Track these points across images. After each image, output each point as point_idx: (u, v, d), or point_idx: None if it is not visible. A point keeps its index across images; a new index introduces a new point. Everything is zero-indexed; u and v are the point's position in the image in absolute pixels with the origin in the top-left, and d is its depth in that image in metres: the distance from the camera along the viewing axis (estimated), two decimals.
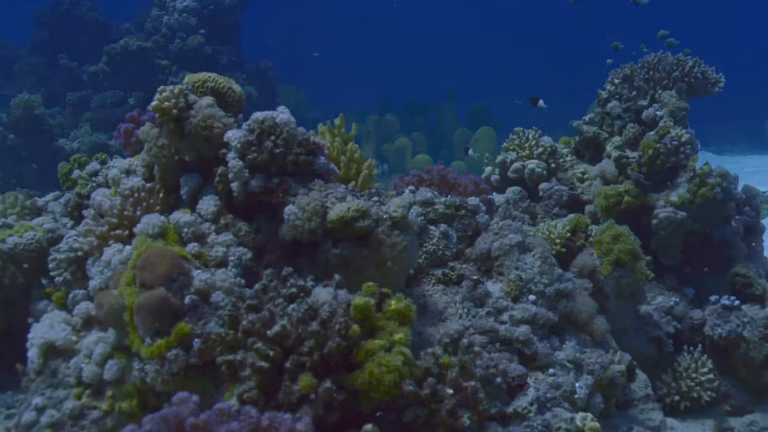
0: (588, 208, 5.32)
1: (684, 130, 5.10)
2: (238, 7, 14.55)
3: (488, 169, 5.81)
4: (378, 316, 2.81)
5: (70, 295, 3.82)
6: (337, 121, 4.01)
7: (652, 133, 5.18)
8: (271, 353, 2.65)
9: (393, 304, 2.85)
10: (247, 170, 3.44)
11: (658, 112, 5.29)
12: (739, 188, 5.43)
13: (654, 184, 5.10)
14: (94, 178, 4.90)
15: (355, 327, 2.68)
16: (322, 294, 2.80)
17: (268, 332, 2.67)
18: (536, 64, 29.62)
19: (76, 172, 5.07)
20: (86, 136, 12.60)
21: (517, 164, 5.57)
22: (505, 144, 5.79)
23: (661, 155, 5.03)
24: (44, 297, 4.18)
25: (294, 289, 2.85)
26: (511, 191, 5.43)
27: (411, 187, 4.35)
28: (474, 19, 36.71)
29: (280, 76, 15.99)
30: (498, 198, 5.43)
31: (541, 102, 6.44)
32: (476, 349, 2.96)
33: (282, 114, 3.52)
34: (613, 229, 4.46)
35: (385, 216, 3.42)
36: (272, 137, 3.45)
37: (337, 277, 2.89)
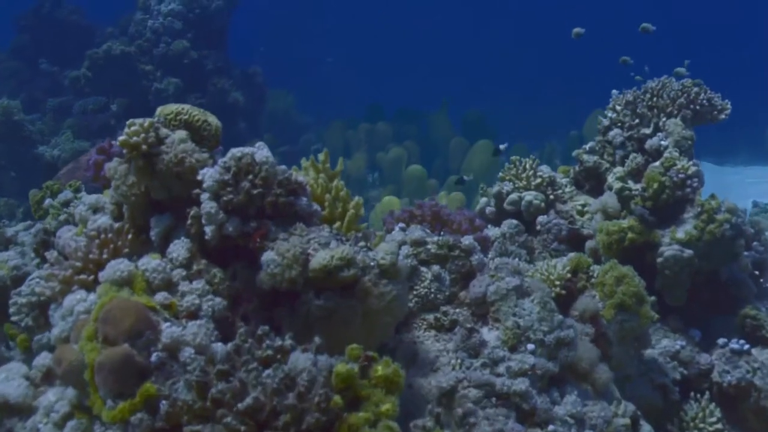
0: (589, 243, 5.08)
1: (690, 162, 4.87)
2: (225, 10, 14.33)
3: (483, 200, 5.58)
4: (363, 383, 2.56)
5: (35, 338, 3.57)
6: (321, 156, 3.77)
7: (657, 164, 4.95)
8: (243, 428, 2.40)
9: (380, 369, 2.60)
10: (221, 213, 3.19)
11: (662, 142, 5.07)
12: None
13: (659, 219, 4.87)
14: (65, 209, 4.66)
15: (337, 398, 2.44)
16: (301, 360, 2.54)
17: (239, 405, 2.42)
18: (536, 67, 29.42)
19: (47, 201, 4.83)
20: (67, 144, 12.37)
21: (513, 196, 5.34)
22: (501, 174, 5.56)
23: (666, 189, 4.80)
24: (9, 339, 3.93)
25: (270, 351, 2.60)
26: (507, 225, 5.20)
27: (401, 225, 4.12)
28: (471, 19, 36.46)
29: (268, 80, 15.80)
30: (493, 231, 5.20)
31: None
32: (471, 420, 2.71)
33: (261, 150, 3.28)
34: (616, 270, 4.23)
35: (372, 263, 3.18)
36: (250, 176, 3.21)
37: (317, 340, 2.64)
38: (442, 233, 4.25)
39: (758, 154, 19.01)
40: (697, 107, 5.28)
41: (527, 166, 5.42)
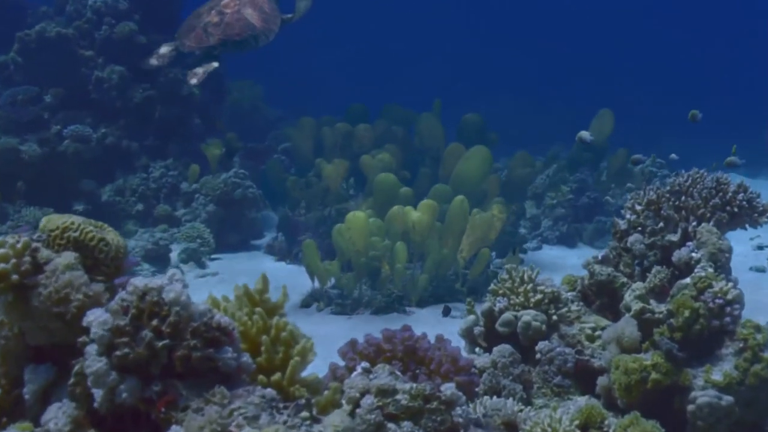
0: (601, 380, 4.49)
1: (730, 284, 4.30)
2: None
3: (470, 318, 4.98)
4: None
5: None
6: (258, 284, 3.18)
7: (688, 283, 4.38)
8: None
9: None
10: (114, 372, 2.59)
11: (693, 254, 4.52)
12: None
13: (689, 355, 4.29)
14: None
15: None
16: None
17: None
18: (536, 69, 29.39)
19: None
20: None
21: (507, 315, 4.75)
22: (492, 287, 4.98)
23: (700, 318, 4.23)
24: None
25: None
26: (500, 352, 4.60)
27: (364, 364, 3.51)
28: (469, 18, 36.35)
29: (231, 69, 15.41)
30: (482, 359, 4.61)
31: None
32: None
33: (172, 286, 2.69)
34: (638, 427, 3.67)
35: None
36: (155, 321, 2.62)
37: None
38: (417, 370, 3.71)
39: None
40: (735, 209, 4.76)
41: (525, 277, 4.85)
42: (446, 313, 8.00)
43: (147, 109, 12.85)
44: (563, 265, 10.83)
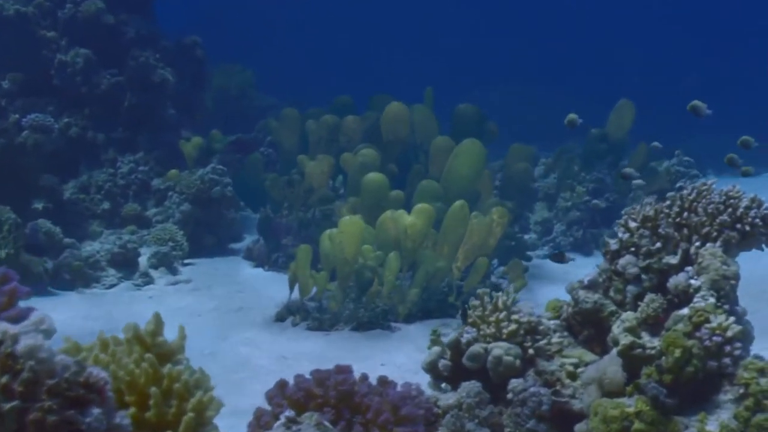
0: (578, 428, 4.23)
1: (731, 318, 4.02)
2: None
3: (435, 350, 4.72)
4: None
5: None
6: (150, 324, 2.92)
7: (684, 314, 4.11)
8: None
9: None
10: None
11: (693, 281, 4.24)
12: None
13: (680, 401, 4.03)
14: None
15: None
16: None
17: None
18: (543, 58, 29.39)
19: None
20: None
21: (476, 347, 4.48)
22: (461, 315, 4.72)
23: (693, 359, 3.96)
24: None
25: None
26: (466, 390, 4.34)
27: (288, 413, 3.27)
28: (471, 4, 36.14)
29: (215, 56, 15.36)
30: (446, 397, 4.36)
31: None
32: None
33: (30, 335, 2.43)
34: None
35: None
36: (5, 378, 2.37)
37: None
38: (353, 419, 3.49)
39: None
40: (747, 227, 4.46)
41: (500, 304, 4.58)
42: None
43: (115, 96, 12.59)
44: (575, 276, 10.52)
